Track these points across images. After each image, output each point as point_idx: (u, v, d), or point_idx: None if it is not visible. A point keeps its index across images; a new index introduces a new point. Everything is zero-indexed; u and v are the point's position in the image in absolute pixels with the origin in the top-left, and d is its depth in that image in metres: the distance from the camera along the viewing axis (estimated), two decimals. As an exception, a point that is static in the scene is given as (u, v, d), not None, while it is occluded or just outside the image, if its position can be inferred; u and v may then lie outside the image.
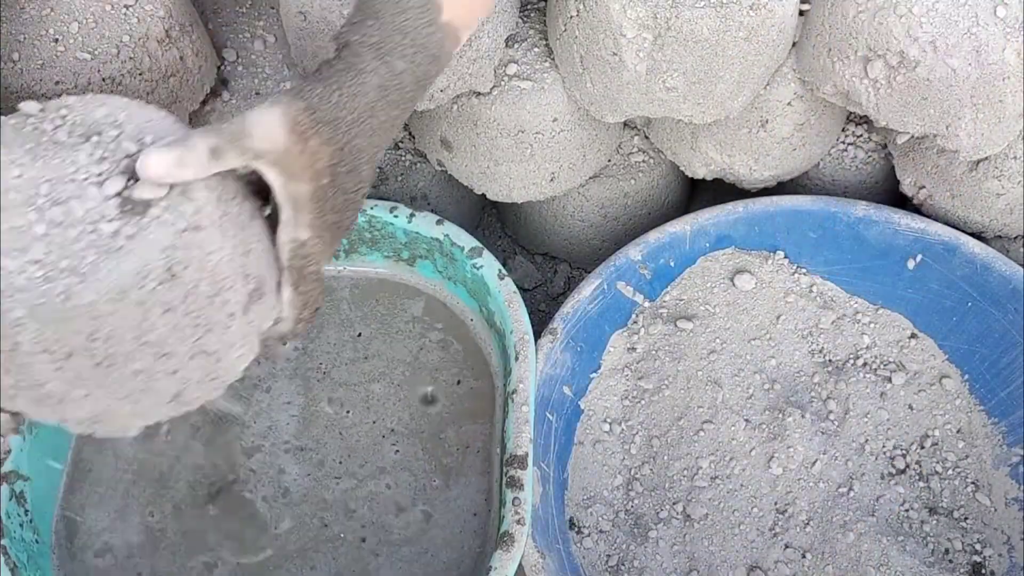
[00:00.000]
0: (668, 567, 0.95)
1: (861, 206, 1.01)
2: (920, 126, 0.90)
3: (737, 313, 1.04)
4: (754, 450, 0.99)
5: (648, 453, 0.99)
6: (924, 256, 1.01)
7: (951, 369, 1.03)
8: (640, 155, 1.10)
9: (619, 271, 1.00)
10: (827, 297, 1.05)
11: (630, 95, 0.91)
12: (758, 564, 0.95)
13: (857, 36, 0.87)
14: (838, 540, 0.96)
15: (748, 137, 1.00)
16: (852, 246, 1.02)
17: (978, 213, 0.99)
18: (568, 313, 0.97)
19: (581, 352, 0.98)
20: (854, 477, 0.99)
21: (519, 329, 0.90)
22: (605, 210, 1.12)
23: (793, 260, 1.05)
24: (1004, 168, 0.95)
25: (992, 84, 0.85)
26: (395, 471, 0.92)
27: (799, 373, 1.03)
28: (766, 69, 0.92)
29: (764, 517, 0.97)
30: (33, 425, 0.82)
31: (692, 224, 1.01)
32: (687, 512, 0.97)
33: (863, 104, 0.90)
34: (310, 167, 0.62)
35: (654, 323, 1.03)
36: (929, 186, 1.01)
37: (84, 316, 0.56)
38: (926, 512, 0.98)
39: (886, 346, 1.04)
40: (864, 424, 1.00)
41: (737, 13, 0.85)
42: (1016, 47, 0.84)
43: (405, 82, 0.66)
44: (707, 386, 1.01)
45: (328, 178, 0.63)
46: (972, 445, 1.00)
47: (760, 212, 1.02)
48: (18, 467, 0.81)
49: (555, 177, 1.03)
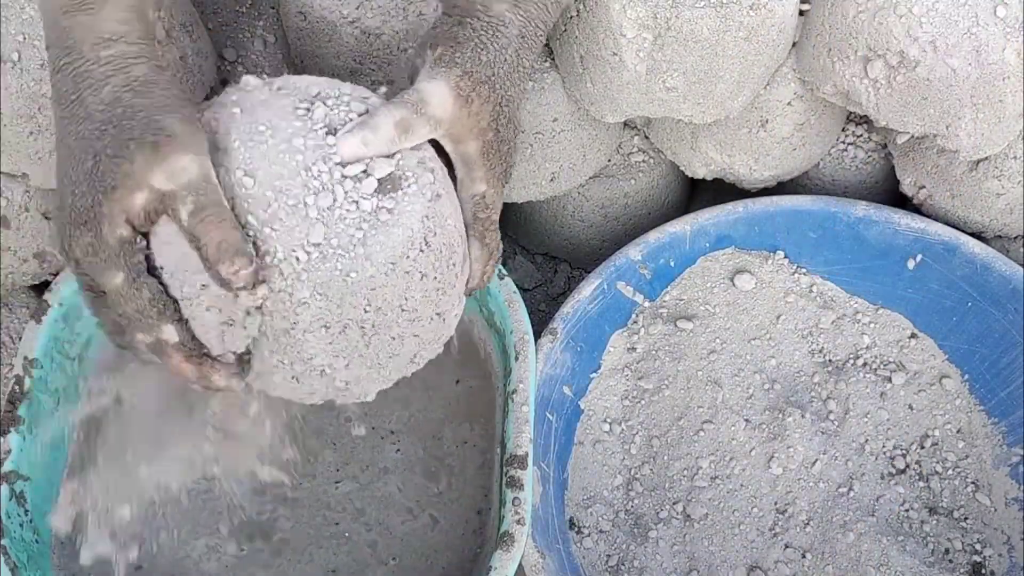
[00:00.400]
0: (668, 567, 0.95)
1: (861, 206, 1.01)
2: (920, 126, 0.90)
3: (737, 313, 1.04)
4: (754, 450, 0.99)
5: (648, 453, 0.99)
6: (924, 256, 1.01)
7: (951, 369, 1.03)
8: (640, 155, 1.10)
9: (619, 271, 1.00)
10: (827, 297, 1.05)
11: (630, 95, 0.91)
12: (758, 564, 0.95)
13: (857, 36, 0.87)
14: (838, 540, 0.96)
15: (748, 137, 1.00)
16: (852, 246, 1.02)
17: (978, 213, 0.99)
18: (568, 313, 0.97)
19: (581, 352, 0.98)
20: (854, 477, 0.99)
21: (519, 329, 0.89)
22: (605, 210, 1.12)
23: (793, 260, 1.05)
24: (1004, 168, 0.95)
25: (992, 84, 0.85)
26: (396, 471, 0.92)
27: (799, 373, 1.03)
28: (766, 69, 0.92)
29: (764, 517, 0.97)
30: (33, 425, 0.82)
31: (692, 224, 1.01)
32: (687, 512, 0.97)
33: (863, 104, 0.90)
34: (476, 126, 0.66)
35: (654, 323, 1.03)
36: (929, 186, 1.01)
37: (363, 289, 0.60)
38: (926, 512, 0.98)
39: (886, 346, 1.04)
40: (864, 424, 1.00)
41: (737, 13, 0.85)
42: (1016, 47, 0.84)
43: (538, 26, 0.69)
44: (707, 386, 1.01)
45: (492, 133, 0.67)
46: (972, 445, 1.00)
47: (760, 212, 1.02)
48: (18, 467, 0.81)
49: (555, 177, 1.03)
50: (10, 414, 0.81)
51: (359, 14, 0.90)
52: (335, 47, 0.92)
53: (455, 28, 0.67)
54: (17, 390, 0.81)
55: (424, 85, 0.64)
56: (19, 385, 0.81)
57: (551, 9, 0.70)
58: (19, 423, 0.81)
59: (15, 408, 0.81)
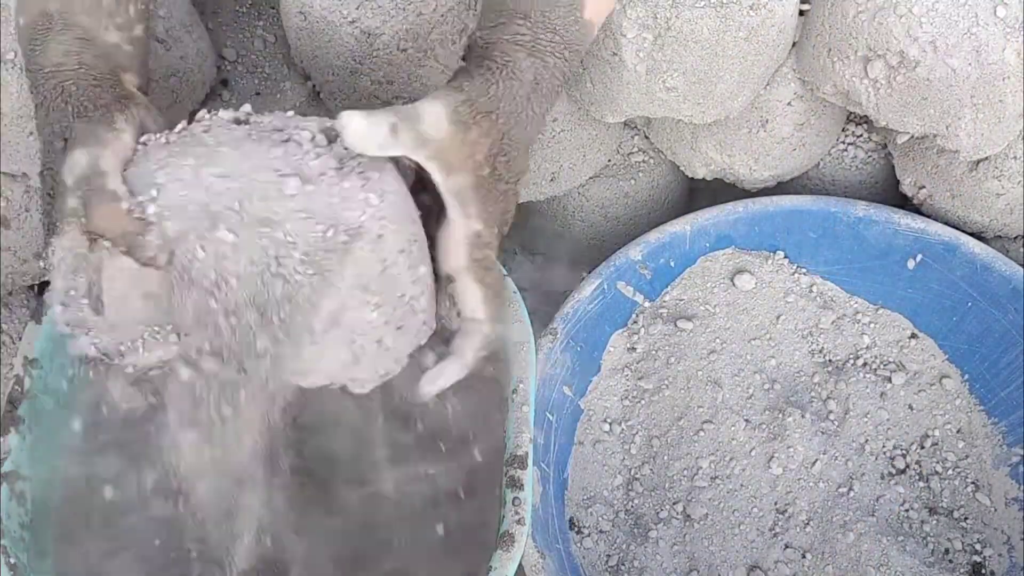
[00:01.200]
0: (668, 567, 0.95)
1: (861, 206, 1.01)
2: (920, 126, 0.90)
3: (737, 313, 1.04)
4: (754, 450, 0.99)
5: (648, 453, 0.99)
6: (924, 256, 1.01)
7: (951, 369, 1.03)
8: (640, 155, 1.10)
9: (619, 271, 1.00)
10: (827, 297, 1.05)
11: (630, 95, 0.91)
12: (758, 564, 0.95)
13: (857, 36, 0.87)
14: (838, 540, 0.96)
15: (748, 137, 1.00)
16: (852, 246, 1.02)
17: (978, 213, 0.99)
18: (568, 313, 0.97)
19: (581, 352, 0.98)
20: (854, 477, 0.99)
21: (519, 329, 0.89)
22: (605, 210, 1.12)
23: (793, 260, 1.05)
24: (1004, 168, 0.95)
25: (992, 84, 0.85)
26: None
27: (799, 373, 1.03)
28: (766, 69, 0.92)
29: (764, 517, 0.97)
30: (33, 425, 0.82)
31: (692, 224, 1.01)
32: (687, 512, 0.97)
33: (863, 104, 0.90)
34: (470, 157, 0.64)
35: (654, 323, 1.03)
36: (929, 186, 1.01)
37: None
38: (926, 512, 0.98)
39: (886, 346, 1.04)
40: (864, 424, 1.00)
41: (737, 13, 0.85)
42: (1016, 47, 0.84)
43: (555, 76, 0.68)
44: (707, 386, 1.01)
45: (488, 169, 0.65)
46: (972, 445, 1.00)
47: (760, 212, 1.02)
48: (18, 467, 0.81)
49: (555, 177, 1.03)
50: (10, 414, 0.81)
51: (359, 14, 0.90)
52: (335, 47, 0.92)
53: (470, 67, 0.67)
54: (17, 390, 0.81)
55: (423, 104, 0.63)
56: (19, 385, 0.81)
57: (569, 58, 0.69)
58: (19, 423, 0.81)
59: (15, 408, 0.81)
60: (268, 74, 1.02)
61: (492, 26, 0.68)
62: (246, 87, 1.00)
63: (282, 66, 1.02)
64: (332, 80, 0.95)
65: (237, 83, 1.00)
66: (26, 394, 0.82)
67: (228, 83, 1.00)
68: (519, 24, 0.68)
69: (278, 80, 1.01)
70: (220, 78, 0.99)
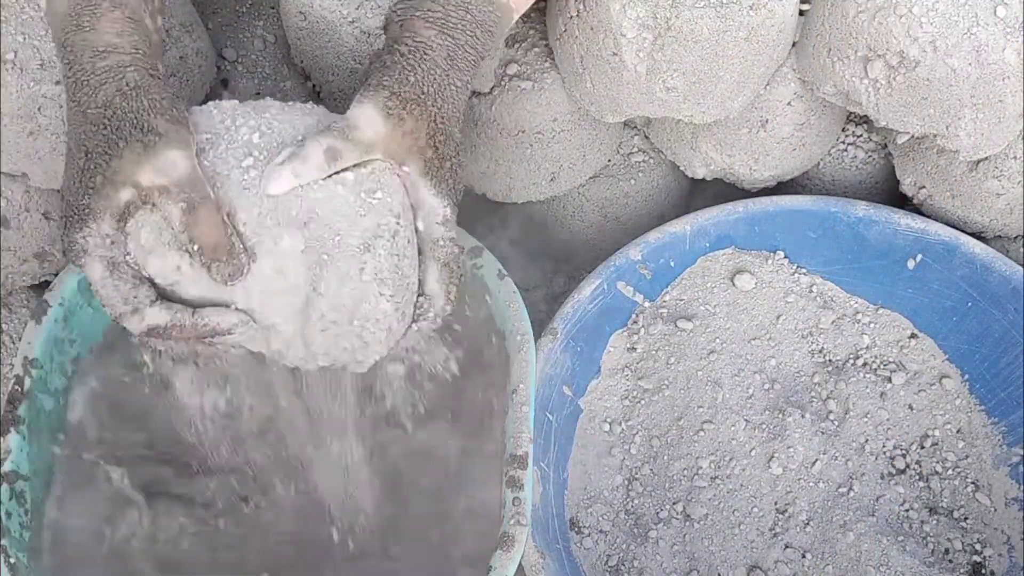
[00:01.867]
0: (668, 567, 0.95)
1: (861, 206, 1.01)
2: (920, 126, 0.90)
3: (737, 313, 1.04)
4: (754, 450, 0.99)
5: (648, 453, 0.99)
6: (924, 256, 1.01)
7: (951, 369, 1.03)
8: (640, 155, 1.10)
9: (619, 271, 1.00)
10: (827, 297, 1.05)
11: (630, 95, 0.91)
12: (758, 564, 0.95)
13: (857, 36, 0.87)
14: (838, 540, 0.96)
15: (748, 137, 1.00)
16: (852, 246, 1.02)
17: (978, 213, 0.99)
18: (568, 313, 0.97)
19: (581, 352, 0.99)
20: (854, 477, 0.99)
21: (519, 329, 0.89)
22: (605, 210, 1.12)
23: (793, 260, 1.05)
24: (1004, 168, 0.95)
25: (992, 84, 0.85)
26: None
27: (799, 373, 1.03)
28: (766, 69, 0.92)
29: (764, 517, 0.97)
30: (33, 425, 0.82)
31: (692, 224, 1.01)
32: (687, 512, 0.97)
33: (863, 104, 0.90)
34: (414, 145, 0.67)
35: (654, 323, 1.03)
36: (929, 186, 1.01)
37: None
38: (926, 512, 0.98)
39: (886, 346, 1.04)
40: (864, 424, 1.00)
41: (737, 13, 0.85)
42: (1016, 47, 0.84)
43: (468, 52, 0.70)
44: (707, 386, 1.01)
45: (431, 151, 0.68)
46: (972, 445, 1.00)
47: (760, 212, 1.02)
48: (18, 467, 0.81)
49: (555, 177, 1.03)
50: (10, 414, 0.81)
51: (359, 14, 0.91)
52: (335, 47, 0.93)
53: (384, 56, 0.69)
54: (17, 390, 0.81)
55: (352, 111, 0.66)
56: (19, 385, 0.81)
57: (480, 37, 0.71)
58: (19, 423, 0.81)
59: (15, 408, 0.81)
60: (268, 74, 1.02)
61: (405, 3, 0.70)
62: (246, 87, 1.00)
63: (282, 66, 1.02)
64: (332, 80, 0.95)
65: (237, 83, 1.00)
66: (26, 394, 0.82)
67: (228, 83, 1.00)
68: (431, 1, 0.69)
69: (278, 80, 1.01)
70: (220, 78, 0.99)
